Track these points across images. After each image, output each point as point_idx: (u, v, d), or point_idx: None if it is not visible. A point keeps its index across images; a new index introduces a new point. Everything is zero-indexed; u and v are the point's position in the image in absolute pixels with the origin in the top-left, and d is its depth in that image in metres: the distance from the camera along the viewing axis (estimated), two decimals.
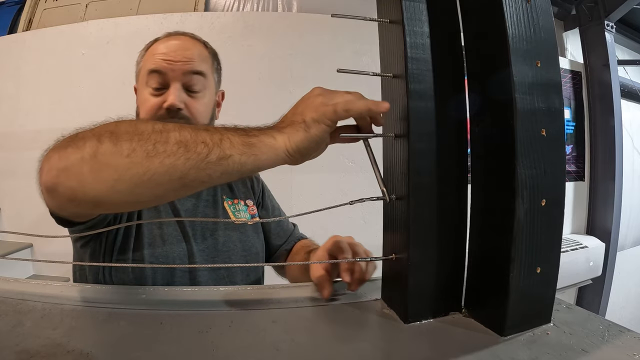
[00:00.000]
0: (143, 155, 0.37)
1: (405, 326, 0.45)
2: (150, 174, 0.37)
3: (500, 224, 0.43)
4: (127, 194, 0.38)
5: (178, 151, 0.37)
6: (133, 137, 0.38)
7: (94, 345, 0.38)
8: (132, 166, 0.37)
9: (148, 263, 0.62)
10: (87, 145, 0.37)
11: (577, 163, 2.48)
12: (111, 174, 0.37)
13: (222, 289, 0.57)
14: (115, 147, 0.37)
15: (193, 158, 0.38)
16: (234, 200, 0.80)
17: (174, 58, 0.68)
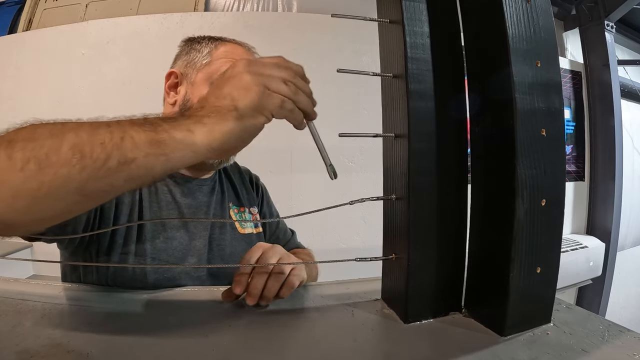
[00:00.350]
0: (36, 167, 0.31)
1: (405, 326, 0.45)
2: (45, 189, 0.32)
3: (500, 224, 0.43)
4: (27, 212, 0.33)
5: (72, 159, 0.32)
6: (27, 145, 0.32)
7: (94, 345, 0.38)
8: (26, 180, 0.31)
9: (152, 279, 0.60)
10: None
11: (577, 163, 2.47)
12: (7, 191, 0.32)
13: (222, 289, 0.57)
14: (10, 161, 0.32)
15: (89, 166, 0.32)
16: (240, 208, 0.79)
17: None
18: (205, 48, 0.69)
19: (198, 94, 0.66)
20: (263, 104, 0.36)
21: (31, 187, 0.31)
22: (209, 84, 0.66)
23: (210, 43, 0.70)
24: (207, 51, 0.69)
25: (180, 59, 0.73)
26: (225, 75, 0.38)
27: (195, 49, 0.70)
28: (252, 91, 0.36)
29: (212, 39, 0.71)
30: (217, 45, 0.70)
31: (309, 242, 0.91)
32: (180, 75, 0.70)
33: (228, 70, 0.38)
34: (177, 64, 0.72)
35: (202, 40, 0.71)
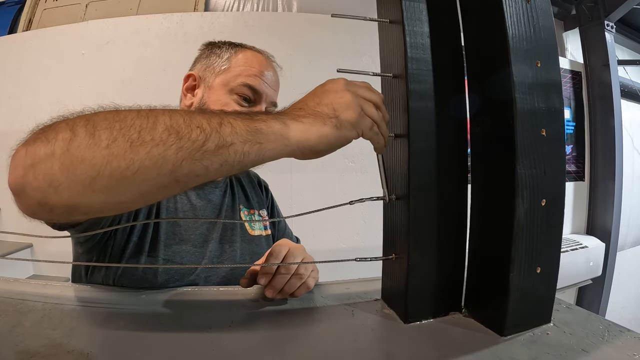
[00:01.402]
0: (126, 146, 0.31)
1: (405, 326, 0.45)
2: (135, 168, 0.31)
3: (500, 224, 0.43)
4: (107, 193, 0.32)
5: (169, 139, 0.31)
6: (114, 124, 0.31)
7: (94, 345, 0.38)
8: (113, 159, 0.31)
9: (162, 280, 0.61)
10: (59, 138, 0.31)
11: (577, 163, 2.47)
12: (87, 170, 0.31)
13: (222, 289, 0.57)
14: (92, 138, 0.31)
15: (187, 147, 0.32)
16: (250, 210, 0.80)
17: (270, 85, 0.70)
18: (225, 53, 0.71)
19: (215, 98, 0.68)
20: (359, 123, 0.39)
21: (118, 166, 0.30)
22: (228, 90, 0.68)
23: (230, 49, 0.72)
24: (227, 57, 0.70)
25: (199, 62, 0.74)
26: (326, 88, 0.40)
27: (215, 54, 0.72)
28: (352, 109, 0.38)
29: (232, 45, 0.73)
30: (237, 51, 0.71)
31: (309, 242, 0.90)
32: (199, 78, 0.72)
33: (328, 84, 0.40)
34: (197, 66, 0.74)
35: (222, 46, 0.73)
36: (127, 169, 0.31)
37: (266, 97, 0.69)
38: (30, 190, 0.32)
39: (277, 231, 0.87)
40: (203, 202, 0.71)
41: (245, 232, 0.77)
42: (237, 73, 0.68)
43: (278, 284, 0.51)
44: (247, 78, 0.68)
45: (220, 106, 0.67)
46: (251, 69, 0.69)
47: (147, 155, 0.31)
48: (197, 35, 1.79)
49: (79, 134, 0.31)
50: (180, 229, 0.65)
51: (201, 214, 0.70)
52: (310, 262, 0.53)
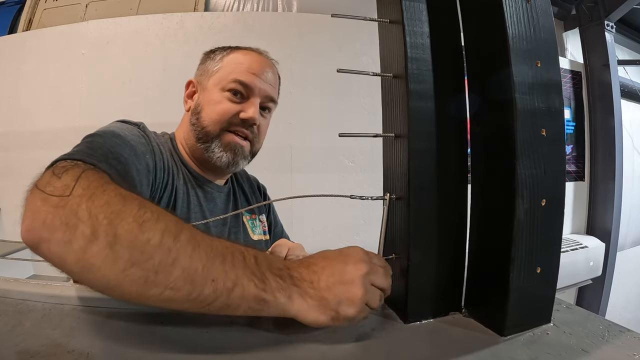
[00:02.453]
0: (141, 281, 0.32)
1: (405, 326, 0.45)
2: (143, 299, 0.33)
3: (500, 223, 0.43)
4: (111, 294, 0.35)
5: (183, 287, 0.33)
6: (135, 246, 0.32)
7: (94, 345, 0.38)
8: (125, 285, 0.32)
9: None
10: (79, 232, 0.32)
11: (577, 163, 2.48)
12: (99, 279, 0.32)
13: None
14: (111, 255, 0.31)
15: (195, 300, 0.34)
16: (251, 215, 0.82)
17: (264, 79, 0.71)
18: (218, 56, 0.74)
19: (208, 98, 0.70)
20: (355, 318, 0.39)
21: (128, 292, 0.32)
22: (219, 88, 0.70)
23: (223, 51, 0.75)
24: (219, 58, 0.73)
25: (198, 70, 0.77)
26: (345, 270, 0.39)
27: (210, 58, 0.75)
28: (356, 306, 0.39)
29: (226, 48, 0.75)
30: (229, 52, 0.74)
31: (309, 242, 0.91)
32: (197, 83, 0.75)
33: (350, 264, 0.40)
34: (196, 73, 0.77)
35: (216, 50, 0.76)
36: (136, 298, 0.33)
37: (259, 91, 0.70)
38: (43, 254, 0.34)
39: (274, 235, 0.88)
40: (210, 205, 0.73)
41: (247, 236, 0.79)
42: (228, 71, 0.70)
43: None
44: (237, 74, 0.70)
45: (214, 104, 0.70)
46: (241, 65, 0.71)
47: (158, 296, 0.33)
48: (197, 36, 1.79)
49: (99, 238, 0.32)
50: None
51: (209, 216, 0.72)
52: None
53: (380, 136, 0.48)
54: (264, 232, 0.84)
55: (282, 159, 1.76)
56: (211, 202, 0.73)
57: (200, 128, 0.69)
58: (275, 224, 0.91)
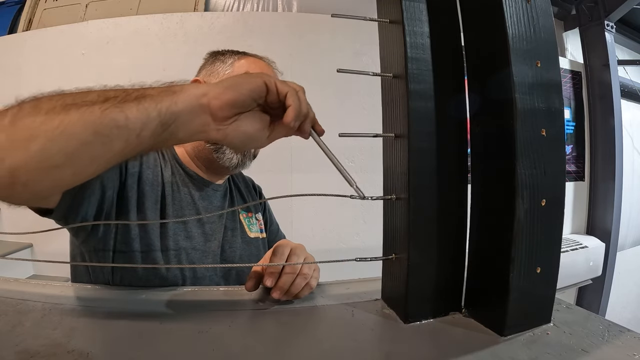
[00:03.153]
0: (60, 110, 0.34)
1: (405, 326, 0.45)
2: (64, 125, 0.34)
3: (500, 224, 0.43)
4: (39, 154, 0.34)
5: (97, 100, 0.35)
6: (53, 97, 0.36)
7: (94, 345, 0.38)
8: (48, 121, 0.34)
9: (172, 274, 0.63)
10: (8, 113, 0.35)
11: (577, 163, 2.47)
12: (26, 134, 0.34)
13: (222, 289, 0.57)
14: (35, 109, 0.35)
15: (110, 101, 0.35)
16: (248, 214, 0.83)
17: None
18: (229, 59, 0.73)
19: None
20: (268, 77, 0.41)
21: (51, 126, 0.34)
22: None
23: (233, 55, 0.74)
24: (230, 62, 0.73)
25: (204, 69, 0.76)
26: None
27: (219, 60, 0.74)
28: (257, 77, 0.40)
29: (236, 52, 0.75)
30: (240, 57, 0.74)
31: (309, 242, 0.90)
32: (204, 83, 0.74)
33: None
34: (202, 73, 0.76)
35: (226, 53, 0.75)
36: (57, 128, 0.34)
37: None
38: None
39: (270, 233, 0.89)
40: (205, 203, 0.73)
41: (245, 233, 0.79)
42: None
43: (284, 284, 0.51)
44: None
45: None
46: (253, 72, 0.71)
47: (77, 112, 0.35)
48: (197, 36, 1.79)
49: (24, 107, 0.35)
50: (186, 228, 0.67)
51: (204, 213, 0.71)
52: (311, 262, 0.54)
53: (380, 136, 0.48)
54: (260, 230, 0.84)
55: (282, 159, 1.76)
56: (206, 200, 0.73)
57: None
58: (271, 222, 0.92)
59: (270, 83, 0.40)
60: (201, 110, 0.38)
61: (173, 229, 0.65)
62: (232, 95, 0.39)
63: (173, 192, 0.68)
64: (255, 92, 0.40)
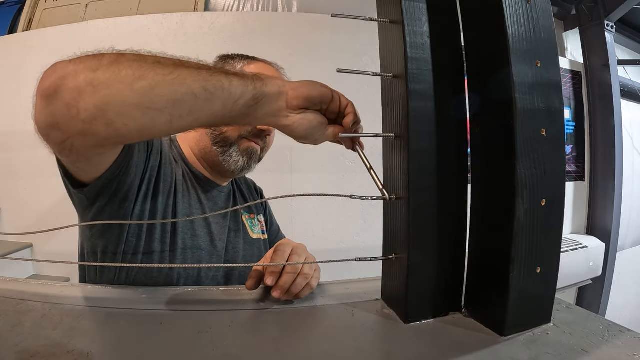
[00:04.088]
0: (168, 63, 0.39)
1: (405, 326, 0.45)
2: (175, 75, 0.38)
3: (500, 224, 0.43)
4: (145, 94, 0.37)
5: (202, 66, 0.40)
6: (157, 55, 0.41)
7: (94, 345, 0.38)
8: (157, 67, 0.38)
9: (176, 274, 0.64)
10: (107, 56, 0.38)
11: (577, 163, 2.47)
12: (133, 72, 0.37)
13: (222, 289, 0.57)
14: (139, 56, 0.39)
15: (215, 70, 0.41)
16: (250, 215, 0.84)
17: None
18: (238, 64, 0.75)
19: None
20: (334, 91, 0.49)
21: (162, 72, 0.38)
22: None
23: (243, 60, 0.76)
24: (240, 67, 0.74)
25: None
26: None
27: (229, 64, 0.75)
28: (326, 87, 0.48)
29: (245, 57, 0.77)
30: (250, 62, 0.75)
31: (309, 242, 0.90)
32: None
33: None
34: None
35: (236, 57, 0.77)
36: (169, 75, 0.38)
37: None
38: (65, 91, 0.36)
39: (270, 235, 0.90)
40: (211, 204, 0.74)
41: (247, 234, 0.80)
42: None
43: (285, 284, 0.51)
44: None
45: None
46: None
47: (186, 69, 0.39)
48: (197, 36, 1.79)
49: (127, 54, 0.39)
50: (194, 227, 0.68)
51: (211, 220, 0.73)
52: (312, 262, 0.54)
53: (380, 136, 0.48)
54: (262, 231, 0.85)
55: (282, 159, 1.76)
56: (211, 201, 0.75)
57: (219, 132, 0.71)
58: (271, 223, 0.93)
59: (335, 93, 0.48)
60: (281, 96, 0.45)
61: (182, 228, 0.66)
62: (306, 91, 0.46)
63: (183, 191, 0.69)
64: (325, 96, 0.47)
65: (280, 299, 0.51)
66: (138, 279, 0.62)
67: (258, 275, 0.53)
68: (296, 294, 0.52)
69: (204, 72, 0.39)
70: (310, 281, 0.53)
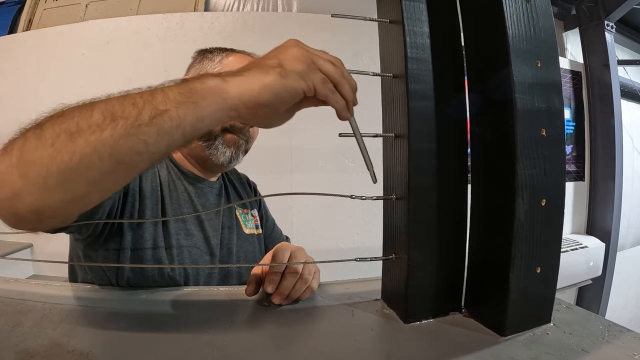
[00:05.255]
0: (66, 139, 0.31)
1: (405, 326, 0.45)
2: (77, 158, 0.31)
3: (500, 223, 0.43)
4: (60, 189, 0.32)
5: (104, 123, 0.32)
6: (56, 121, 0.33)
7: (94, 345, 0.38)
8: (57, 154, 0.31)
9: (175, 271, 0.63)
10: (15, 147, 0.33)
11: (577, 163, 2.47)
12: (39, 170, 0.32)
13: (222, 289, 0.57)
14: (39, 140, 0.32)
15: (121, 125, 0.32)
16: (244, 210, 0.83)
17: None
18: (217, 57, 0.73)
19: None
20: (308, 74, 0.37)
21: (62, 160, 0.31)
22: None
23: (221, 52, 0.74)
24: (219, 60, 0.72)
25: (193, 68, 0.76)
26: (275, 48, 0.39)
27: (207, 58, 0.74)
28: (300, 60, 0.37)
29: (223, 49, 0.75)
30: (228, 54, 0.73)
31: (309, 242, 0.90)
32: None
33: (278, 47, 0.39)
34: (190, 72, 0.76)
35: (214, 51, 0.75)
36: (70, 161, 0.32)
37: None
38: (1, 201, 0.33)
39: (265, 229, 0.89)
40: (202, 200, 0.73)
41: (240, 230, 0.79)
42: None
43: (285, 289, 0.50)
44: None
45: None
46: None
47: (86, 142, 0.32)
48: (197, 36, 1.79)
49: (29, 138, 0.33)
50: (186, 226, 0.67)
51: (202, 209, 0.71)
52: (311, 262, 0.53)
53: (380, 136, 0.48)
54: (256, 226, 0.84)
55: (282, 159, 1.76)
56: (203, 198, 0.73)
57: None
58: (267, 218, 0.92)
59: (308, 88, 0.37)
60: (230, 119, 0.37)
61: (175, 228, 0.65)
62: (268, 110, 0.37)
63: (170, 192, 0.67)
64: (294, 98, 0.38)
65: (282, 304, 0.51)
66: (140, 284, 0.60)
67: (257, 280, 0.53)
68: (297, 297, 0.52)
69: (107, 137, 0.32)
70: (310, 283, 0.53)
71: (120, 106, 0.33)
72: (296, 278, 0.51)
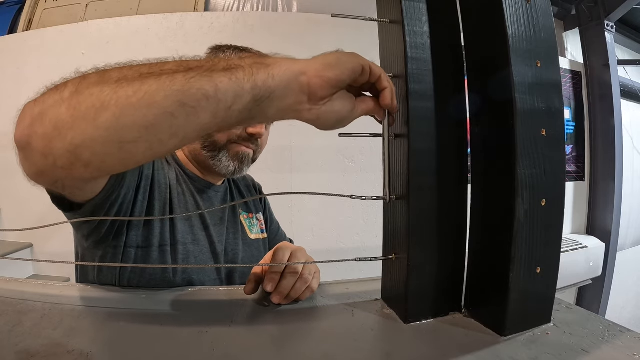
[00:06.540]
0: (134, 77, 0.31)
1: (405, 326, 0.45)
2: (142, 93, 0.30)
3: (501, 223, 0.43)
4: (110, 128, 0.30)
5: (178, 69, 0.31)
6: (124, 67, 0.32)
7: (94, 345, 0.38)
8: (119, 89, 0.30)
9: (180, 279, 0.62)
10: (70, 83, 0.31)
11: (577, 163, 2.47)
12: (94, 102, 0.30)
13: (222, 289, 0.57)
14: (102, 76, 0.31)
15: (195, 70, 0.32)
16: (249, 214, 0.82)
17: None
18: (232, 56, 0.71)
19: None
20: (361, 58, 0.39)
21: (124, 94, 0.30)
22: None
23: (237, 52, 0.72)
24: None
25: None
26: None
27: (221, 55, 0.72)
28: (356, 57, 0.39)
29: (238, 49, 0.73)
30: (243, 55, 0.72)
31: (309, 242, 0.90)
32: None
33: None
34: None
35: (228, 49, 0.73)
36: (133, 95, 0.30)
37: None
38: (36, 139, 0.32)
39: (270, 233, 0.88)
40: (207, 205, 0.73)
41: (245, 235, 0.79)
42: None
43: (284, 289, 0.50)
44: None
45: None
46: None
47: (156, 80, 0.31)
48: (197, 36, 1.79)
49: (89, 75, 0.32)
50: (193, 231, 0.67)
51: (207, 215, 0.71)
52: (311, 262, 0.53)
53: (380, 136, 0.48)
54: (261, 230, 0.84)
55: (282, 159, 1.76)
56: (208, 202, 0.73)
57: (207, 136, 0.68)
58: (271, 221, 0.91)
59: (366, 65, 0.38)
60: (299, 88, 0.35)
61: (182, 233, 0.65)
62: (334, 74, 0.36)
63: (179, 196, 0.67)
64: (355, 72, 0.38)
65: (282, 304, 0.51)
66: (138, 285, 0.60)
67: (256, 279, 0.53)
68: (297, 297, 0.52)
69: (179, 78, 0.31)
70: (310, 283, 0.53)
71: (196, 61, 0.33)
72: (296, 278, 0.51)
